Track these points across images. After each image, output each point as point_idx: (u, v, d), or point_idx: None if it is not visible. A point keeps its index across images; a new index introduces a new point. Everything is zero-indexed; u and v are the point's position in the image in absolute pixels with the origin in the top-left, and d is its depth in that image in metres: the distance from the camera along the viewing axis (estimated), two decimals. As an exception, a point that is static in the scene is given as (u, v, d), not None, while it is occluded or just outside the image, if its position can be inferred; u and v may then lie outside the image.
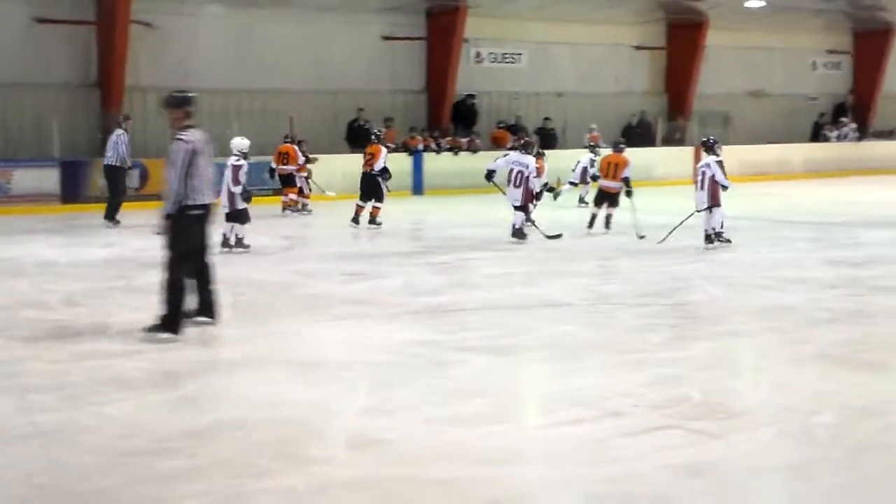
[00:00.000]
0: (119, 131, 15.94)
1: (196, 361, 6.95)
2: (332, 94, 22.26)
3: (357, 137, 21.54)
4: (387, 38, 23.07)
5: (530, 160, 13.73)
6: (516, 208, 13.52)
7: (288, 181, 17.58)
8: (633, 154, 15.48)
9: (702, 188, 12.63)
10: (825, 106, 29.66)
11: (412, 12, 23.05)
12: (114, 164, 15.87)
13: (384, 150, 15.53)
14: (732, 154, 25.52)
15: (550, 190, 15.01)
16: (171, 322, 7.48)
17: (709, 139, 13.10)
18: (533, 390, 6.58)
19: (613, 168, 14.76)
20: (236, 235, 12.49)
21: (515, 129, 23.72)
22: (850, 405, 5.78)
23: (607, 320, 8.44)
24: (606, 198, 14.73)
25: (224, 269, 11.29)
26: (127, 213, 15.81)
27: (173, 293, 7.53)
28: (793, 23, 27.37)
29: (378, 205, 15.38)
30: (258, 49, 21.37)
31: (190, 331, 7.60)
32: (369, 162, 15.42)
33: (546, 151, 16.20)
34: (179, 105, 7.70)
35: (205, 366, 6.84)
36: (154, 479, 4.73)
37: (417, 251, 12.94)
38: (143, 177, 18.49)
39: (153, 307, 7.55)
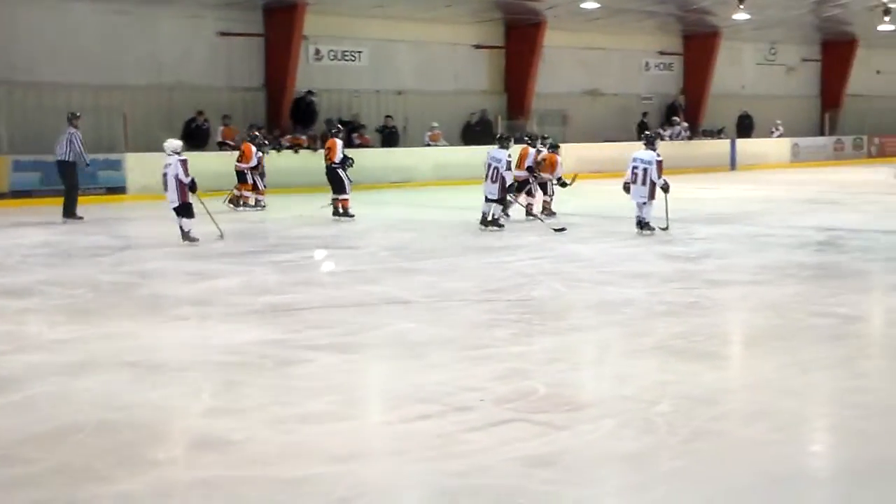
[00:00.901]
0: (72, 129, 15.74)
1: (32, 365, 6.67)
2: (167, 90, 21.73)
3: (194, 137, 21.07)
4: (223, 34, 22.65)
5: (503, 154, 14.43)
6: (490, 200, 14.35)
7: (242, 178, 17.86)
8: (472, 152, 15.95)
9: (643, 183, 13.50)
10: (656, 105, 30.53)
11: (248, 8, 22.67)
12: (67, 160, 15.63)
13: (339, 142, 16.18)
14: (570, 152, 26.10)
15: (563, 185, 15.72)
16: None
17: (650, 133, 13.91)
18: (379, 387, 6.56)
19: (521, 159, 15.85)
20: (182, 228, 12.80)
21: (352, 125, 23.67)
22: (687, 395, 5.97)
23: (452, 317, 8.48)
24: (519, 187, 15.53)
25: (61, 270, 10.98)
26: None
27: None
28: (626, 24, 28.10)
29: (344, 197, 15.85)
30: (87, 42, 20.60)
31: (26, 334, 7.29)
32: (328, 156, 16.05)
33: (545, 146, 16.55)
34: None
35: (41, 369, 6.56)
36: (-16, 489, 4.53)
37: (260, 250, 12.77)
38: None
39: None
